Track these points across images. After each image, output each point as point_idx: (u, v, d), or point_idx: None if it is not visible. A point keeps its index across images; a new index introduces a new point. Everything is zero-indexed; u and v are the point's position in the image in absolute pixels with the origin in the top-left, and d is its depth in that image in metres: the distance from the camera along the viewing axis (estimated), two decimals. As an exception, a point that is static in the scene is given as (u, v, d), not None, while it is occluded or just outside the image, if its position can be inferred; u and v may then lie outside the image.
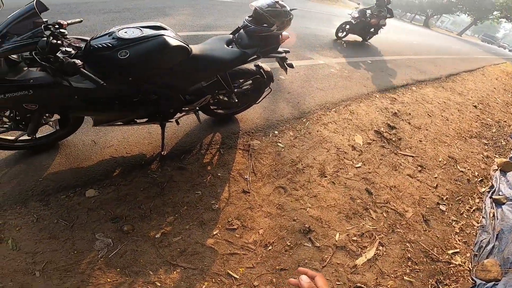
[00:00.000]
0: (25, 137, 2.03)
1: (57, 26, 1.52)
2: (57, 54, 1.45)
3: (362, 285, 1.82)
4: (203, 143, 2.55)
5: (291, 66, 2.44)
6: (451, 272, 2.12)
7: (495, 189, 3.00)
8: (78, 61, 1.45)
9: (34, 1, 1.46)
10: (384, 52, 7.43)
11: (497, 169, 3.41)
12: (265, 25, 2.19)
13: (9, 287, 1.46)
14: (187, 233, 1.84)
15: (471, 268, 2.18)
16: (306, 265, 1.85)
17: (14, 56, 1.54)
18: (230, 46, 2.23)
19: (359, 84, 4.58)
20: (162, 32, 1.78)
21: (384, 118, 3.75)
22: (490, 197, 2.89)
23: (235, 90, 2.43)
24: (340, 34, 7.05)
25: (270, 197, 2.21)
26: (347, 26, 7.07)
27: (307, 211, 2.17)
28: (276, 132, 2.91)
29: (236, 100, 2.46)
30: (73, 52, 1.55)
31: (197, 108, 2.34)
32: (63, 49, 1.50)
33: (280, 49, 2.39)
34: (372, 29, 7.52)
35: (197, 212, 1.97)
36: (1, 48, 1.39)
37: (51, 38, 1.44)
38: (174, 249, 1.74)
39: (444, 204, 2.67)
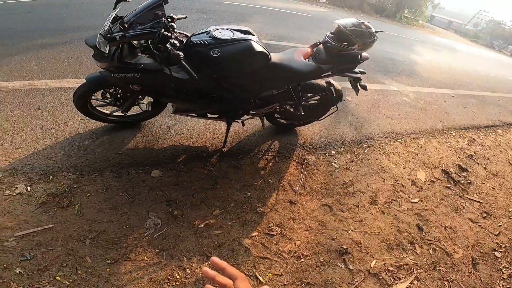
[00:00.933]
0: (118, 113, 2.41)
1: (169, 19, 1.74)
2: (167, 45, 1.68)
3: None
4: (261, 148, 2.68)
5: (364, 88, 2.37)
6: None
7: None
8: (181, 54, 1.65)
9: None
10: (472, 86, 6.71)
11: None
12: (345, 43, 2.17)
13: (58, 251, 1.64)
14: (228, 229, 1.95)
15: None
16: (332, 284, 1.82)
17: (135, 42, 1.83)
18: (307, 60, 2.28)
19: (435, 118, 4.25)
20: (250, 37, 1.93)
21: (456, 158, 3.43)
22: None
23: (303, 103, 2.48)
24: None
25: (314, 212, 2.23)
26: None
27: (348, 234, 2.14)
28: (333, 152, 2.90)
29: (303, 113, 2.49)
30: (178, 44, 1.76)
31: (263, 113, 2.46)
32: (171, 41, 1.72)
33: (356, 69, 2.36)
34: None
35: (242, 211, 2.09)
36: (128, 34, 1.65)
37: (163, 30, 1.68)
38: (212, 241, 1.86)
39: (500, 251, 2.38)
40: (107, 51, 1.67)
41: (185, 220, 1.94)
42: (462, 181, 3.06)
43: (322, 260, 1.93)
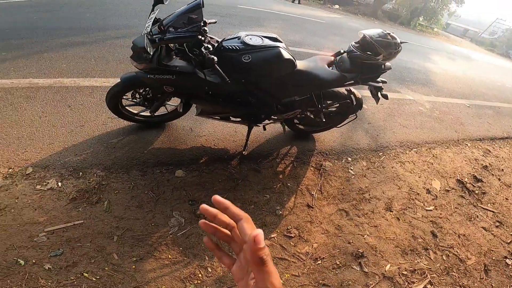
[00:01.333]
0: (145, 113, 2.50)
1: (203, 24, 1.80)
2: (201, 49, 1.76)
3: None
4: (279, 153, 2.75)
5: (385, 97, 2.39)
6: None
7: None
8: (215, 58, 1.72)
9: None
10: (488, 96, 6.65)
11: None
12: (369, 53, 2.20)
13: (87, 247, 1.69)
14: (248, 230, 2.03)
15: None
16: (348, 287, 1.87)
17: (171, 45, 1.91)
18: (331, 68, 2.32)
19: (450, 128, 4.26)
20: (278, 44, 2.00)
21: (471, 169, 3.44)
22: None
23: (323, 110, 2.53)
24: None
25: (331, 216, 2.28)
26: None
27: (364, 238, 2.19)
28: (349, 159, 2.95)
29: (324, 120, 2.52)
30: (211, 48, 1.83)
31: (284, 119, 2.52)
32: (205, 45, 1.79)
33: (378, 79, 2.39)
34: None
35: (261, 213, 2.16)
36: (167, 37, 1.73)
37: (198, 34, 1.75)
38: None
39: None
40: (151, 53, 1.73)
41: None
42: (477, 191, 3.08)
43: (338, 263, 1.98)
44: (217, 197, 0.44)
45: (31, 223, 1.75)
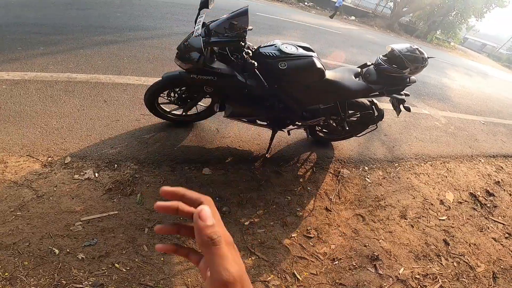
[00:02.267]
0: (176, 112, 2.64)
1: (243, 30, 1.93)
2: (243, 53, 1.88)
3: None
4: (300, 158, 2.87)
5: (408, 109, 2.42)
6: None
7: None
8: (255, 63, 1.85)
9: (247, 6, 1.89)
10: (503, 114, 6.70)
11: None
12: (395, 66, 2.28)
13: (119, 238, 1.76)
14: (270, 229, 2.14)
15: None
16: (363, 287, 1.97)
17: (215, 48, 2.04)
18: (357, 79, 2.42)
19: (464, 144, 4.33)
20: (311, 53, 2.12)
21: (483, 183, 3.52)
22: None
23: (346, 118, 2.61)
24: None
25: (348, 220, 2.39)
26: None
27: (379, 242, 2.29)
28: (366, 168, 3.06)
29: (347, 128, 2.60)
30: (250, 54, 1.94)
31: (308, 125, 2.62)
32: (245, 50, 1.92)
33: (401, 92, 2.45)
34: None
35: (283, 213, 2.28)
36: (213, 40, 1.85)
37: (243, 39, 1.88)
38: (256, 238, 2.04)
39: (519, 267, 2.50)
40: (205, 53, 1.84)
41: (231, 217, 2.13)
42: (488, 204, 3.16)
43: (354, 264, 2.09)
44: (165, 188, 0.37)
45: (68, 211, 1.82)
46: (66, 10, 4.99)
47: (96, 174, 2.14)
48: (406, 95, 2.44)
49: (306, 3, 16.19)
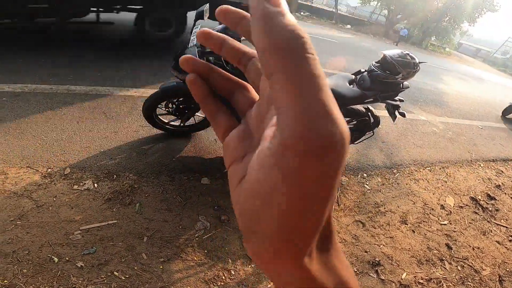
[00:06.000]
0: (174, 123, 2.67)
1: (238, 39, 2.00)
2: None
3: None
4: (298, 165, 2.87)
5: (403, 115, 2.46)
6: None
7: None
8: None
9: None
10: (503, 118, 6.74)
11: None
12: (388, 72, 2.32)
13: (118, 246, 1.75)
14: (270, 236, 2.14)
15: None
16: None
17: (211, 58, 2.03)
18: (351, 86, 2.44)
19: (463, 149, 4.35)
20: None
21: (484, 187, 3.52)
22: None
23: None
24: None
25: (348, 227, 2.38)
26: None
27: (380, 248, 2.28)
28: (364, 174, 3.06)
29: None
30: None
31: None
32: None
33: (396, 97, 2.49)
34: None
35: (282, 221, 2.27)
36: (207, 50, 1.88)
37: None
38: None
39: (525, 270, 2.48)
40: None
41: (230, 225, 2.12)
42: (490, 208, 3.16)
43: (356, 270, 2.07)
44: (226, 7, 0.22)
45: (68, 221, 1.82)
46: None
47: (95, 185, 2.14)
48: (401, 100, 2.48)
49: (302, 13, 16.48)
